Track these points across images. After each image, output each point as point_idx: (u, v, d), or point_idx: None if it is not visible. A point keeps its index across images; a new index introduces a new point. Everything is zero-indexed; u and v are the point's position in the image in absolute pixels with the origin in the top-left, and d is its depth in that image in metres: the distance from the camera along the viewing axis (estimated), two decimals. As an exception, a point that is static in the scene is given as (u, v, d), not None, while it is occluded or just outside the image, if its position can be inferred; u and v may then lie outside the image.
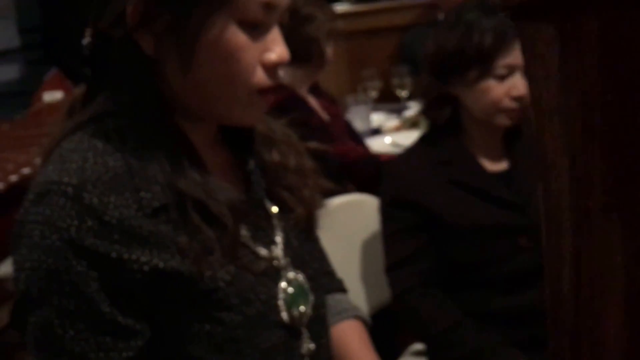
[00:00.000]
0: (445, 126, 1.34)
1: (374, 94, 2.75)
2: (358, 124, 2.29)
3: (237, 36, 0.69)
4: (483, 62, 1.23)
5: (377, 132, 2.45)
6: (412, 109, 2.49)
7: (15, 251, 0.68)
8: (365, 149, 1.99)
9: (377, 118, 2.57)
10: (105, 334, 0.67)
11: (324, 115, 1.95)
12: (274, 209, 0.81)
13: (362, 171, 1.82)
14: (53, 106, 2.22)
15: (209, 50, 0.69)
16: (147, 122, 0.71)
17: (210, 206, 0.70)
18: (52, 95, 2.31)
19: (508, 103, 1.26)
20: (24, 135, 1.92)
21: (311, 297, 0.80)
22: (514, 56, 1.25)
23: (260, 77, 0.72)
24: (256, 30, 0.71)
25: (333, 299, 0.94)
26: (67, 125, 0.73)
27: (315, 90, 2.03)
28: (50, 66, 2.87)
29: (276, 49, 0.72)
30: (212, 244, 0.69)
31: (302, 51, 1.77)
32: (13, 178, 1.58)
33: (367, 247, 1.54)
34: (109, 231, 0.65)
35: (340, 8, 3.36)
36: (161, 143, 0.70)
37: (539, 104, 0.21)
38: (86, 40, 0.72)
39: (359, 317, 0.96)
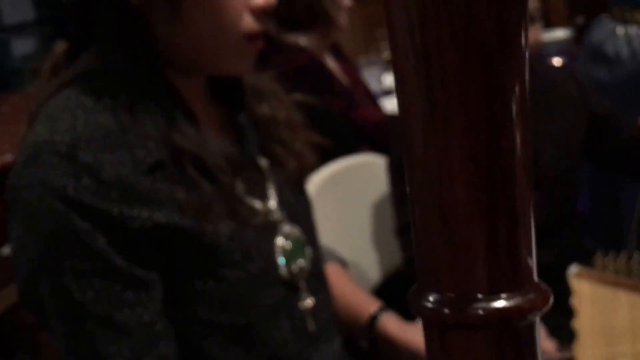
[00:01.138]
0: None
1: (387, 54, 2.71)
2: (371, 85, 2.26)
3: None
4: None
5: (389, 93, 2.42)
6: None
7: (13, 219, 0.66)
8: (383, 113, 1.96)
9: (390, 79, 2.53)
10: (125, 289, 0.65)
11: (344, 79, 1.92)
12: (266, 163, 0.80)
13: (380, 137, 1.79)
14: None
15: None
16: (137, 77, 0.69)
17: (207, 160, 0.69)
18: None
19: None
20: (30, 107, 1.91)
21: (308, 251, 0.80)
22: None
23: (248, 22, 0.71)
24: None
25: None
26: (51, 85, 0.71)
27: (337, 52, 1.99)
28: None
29: None
30: (211, 198, 0.68)
31: (303, 16, 1.73)
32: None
33: (378, 208, 1.51)
34: (107, 190, 0.63)
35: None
36: (153, 98, 0.69)
37: (389, 17, 0.21)
38: None
39: (338, 260, 0.97)
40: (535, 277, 0.21)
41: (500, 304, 0.20)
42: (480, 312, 0.20)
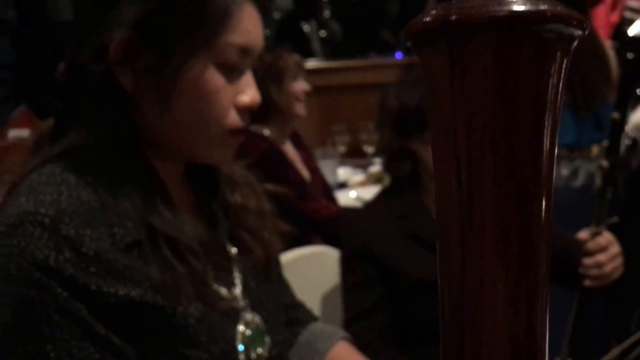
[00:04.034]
0: (405, 180, 1.37)
1: (342, 148, 2.80)
2: (326, 178, 2.32)
3: (215, 78, 0.72)
4: None
5: (343, 186, 2.49)
6: (378, 165, 2.54)
7: None
8: (336, 206, 2.01)
9: (344, 172, 2.61)
10: (102, 356, 0.65)
11: (303, 169, 1.97)
12: (234, 250, 0.82)
13: (330, 230, 1.83)
14: (18, 145, 2.20)
15: (187, 90, 0.71)
16: (120, 158, 0.71)
17: (182, 243, 0.71)
18: (19, 133, 2.28)
19: None
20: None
21: (267, 339, 0.81)
22: None
23: (233, 118, 0.74)
24: (232, 73, 0.73)
25: (316, 327, 0.95)
26: (35, 159, 0.73)
27: (297, 141, 2.05)
28: (19, 103, 2.85)
29: (249, 92, 0.76)
30: (183, 279, 0.70)
31: (256, 110, 1.81)
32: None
33: (327, 300, 1.54)
34: (86, 263, 0.65)
35: (312, 64, 3.44)
36: (133, 179, 0.71)
37: (434, 127, 0.23)
38: (59, 73, 0.73)
39: (346, 338, 0.98)
40: None
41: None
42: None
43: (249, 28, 0.73)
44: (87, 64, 0.71)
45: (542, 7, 0.21)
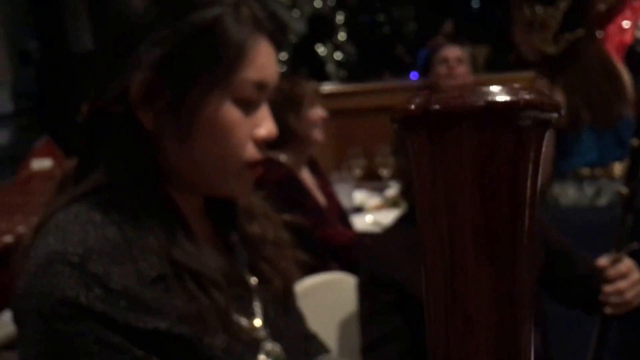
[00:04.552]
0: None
1: (357, 171, 2.81)
2: (342, 201, 2.33)
3: (232, 113, 0.74)
4: None
5: (359, 210, 2.49)
6: (394, 188, 2.54)
7: (24, 327, 0.68)
8: (352, 232, 2.00)
9: (360, 196, 2.61)
10: None
11: (319, 195, 1.98)
12: (254, 280, 0.83)
13: (347, 256, 1.83)
14: (41, 174, 2.24)
15: (206, 125, 0.73)
16: (143, 195, 0.73)
17: (205, 275, 0.73)
18: (41, 163, 2.32)
19: None
20: (8, 202, 1.93)
21: None
22: None
23: (251, 151, 0.76)
24: (248, 107, 0.75)
25: (327, 359, 0.96)
26: (60, 199, 0.75)
27: (314, 167, 2.06)
28: (41, 133, 2.91)
29: (266, 125, 0.77)
30: (207, 311, 0.71)
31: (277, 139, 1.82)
32: (-6, 245, 1.58)
33: (344, 326, 1.54)
34: (115, 299, 0.66)
35: (327, 88, 3.47)
36: (156, 215, 0.73)
37: (419, 205, 0.25)
38: (82, 114, 0.76)
39: None
40: None
41: None
42: None
43: (264, 63, 0.75)
44: (109, 105, 0.73)
45: (517, 97, 0.23)
